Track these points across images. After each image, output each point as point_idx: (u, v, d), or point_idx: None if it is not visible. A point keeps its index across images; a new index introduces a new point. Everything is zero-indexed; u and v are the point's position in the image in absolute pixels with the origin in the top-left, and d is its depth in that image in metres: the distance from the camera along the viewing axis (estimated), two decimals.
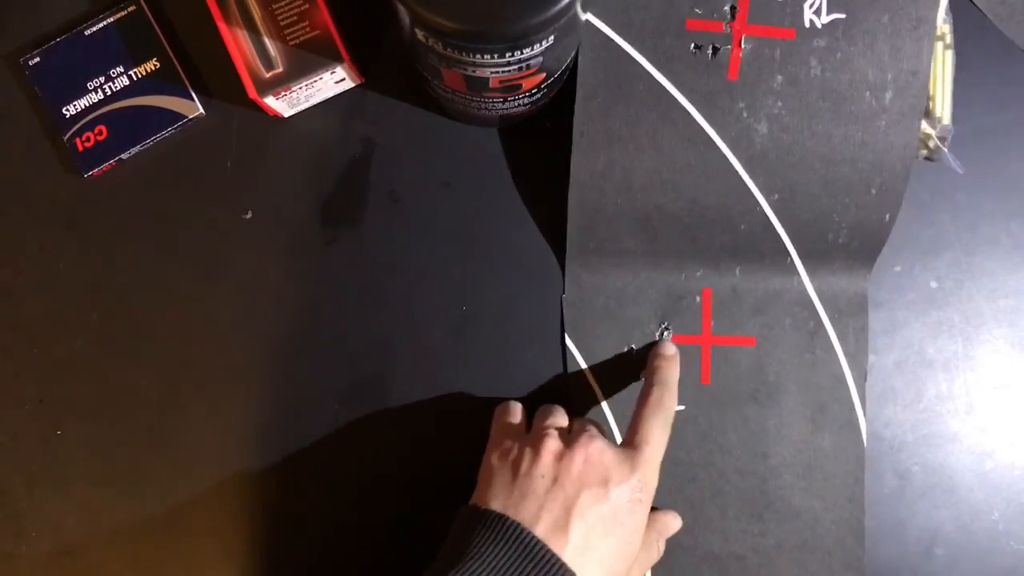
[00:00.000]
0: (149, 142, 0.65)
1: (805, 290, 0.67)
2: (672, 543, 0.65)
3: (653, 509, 0.61)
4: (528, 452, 0.57)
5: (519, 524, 0.54)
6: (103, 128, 0.64)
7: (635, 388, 0.66)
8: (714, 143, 0.63)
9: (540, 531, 0.54)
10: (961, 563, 0.68)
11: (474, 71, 0.52)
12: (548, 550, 0.53)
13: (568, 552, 0.54)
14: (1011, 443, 0.69)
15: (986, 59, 0.69)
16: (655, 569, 0.66)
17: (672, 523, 0.64)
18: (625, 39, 0.62)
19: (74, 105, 0.64)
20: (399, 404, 0.66)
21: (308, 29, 0.60)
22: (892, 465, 0.68)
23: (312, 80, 0.61)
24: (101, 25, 0.64)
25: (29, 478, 0.66)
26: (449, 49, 0.49)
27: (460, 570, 0.53)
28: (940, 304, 0.69)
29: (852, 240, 0.66)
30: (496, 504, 0.56)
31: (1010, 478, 0.69)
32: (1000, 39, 0.69)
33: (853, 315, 0.67)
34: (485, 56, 0.49)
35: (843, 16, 0.62)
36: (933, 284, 0.69)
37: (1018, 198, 0.69)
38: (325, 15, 0.60)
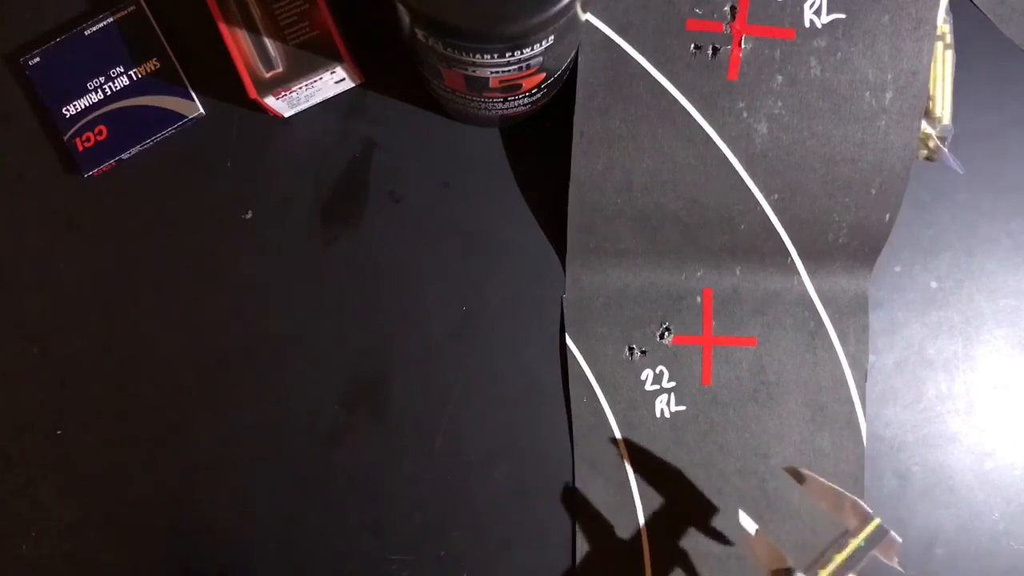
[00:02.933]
0: (149, 142, 0.65)
1: (805, 290, 0.67)
2: (672, 543, 0.65)
3: None
4: None
5: None
6: (103, 128, 0.64)
7: (635, 388, 0.66)
8: (714, 143, 0.63)
9: None
10: (961, 563, 0.68)
11: (474, 71, 0.52)
12: None
13: None
14: (1011, 443, 0.69)
15: (986, 59, 0.69)
16: (655, 567, 0.66)
17: None
18: (625, 39, 0.62)
19: (74, 105, 0.64)
20: (399, 404, 0.66)
21: (308, 29, 0.60)
22: (892, 465, 0.68)
23: (312, 80, 0.61)
24: (101, 25, 0.64)
25: (29, 477, 0.66)
26: (449, 49, 0.49)
27: None
28: (940, 304, 0.69)
29: (852, 240, 0.66)
30: None
31: (1010, 478, 0.69)
32: (1000, 39, 0.69)
33: (854, 315, 0.67)
34: (485, 56, 0.49)
35: (843, 16, 0.62)
36: (933, 284, 0.69)
37: (1018, 198, 0.69)
38: (325, 15, 0.60)
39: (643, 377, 0.66)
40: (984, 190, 0.69)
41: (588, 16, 0.61)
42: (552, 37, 0.49)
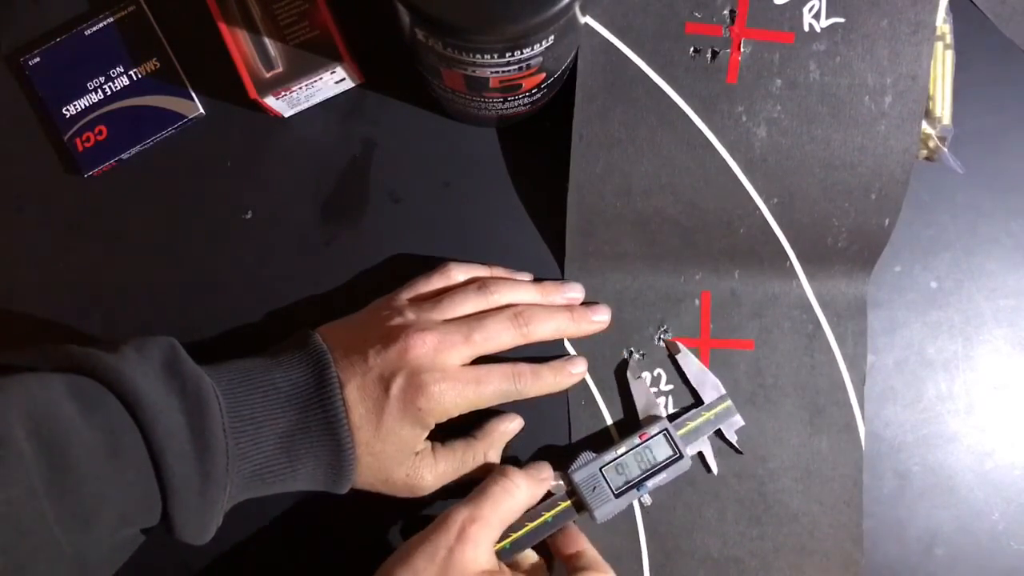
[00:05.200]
0: (149, 142, 0.65)
1: (804, 293, 0.67)
2: (670, 547, 0.66)
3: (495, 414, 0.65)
4: (403, 336, 0.58)
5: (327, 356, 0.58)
6: (103, 128, 0.64)
7: (635, 390, 0.66)
8: (713, 147, 0.63)
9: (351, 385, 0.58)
10: (961, 563, 0.68)
11: (474, 71, 0.52)
12: (335, 391, 0.57)
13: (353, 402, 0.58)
14: (1011, 443, 0.69)
15: (986, 59, 0.69)
16: (655, 570, 0.66)
17: (507, 429, 0.65)
18: (625, 43, 0.62)
19: (74, 105, 0.64)
20: None
21: (308, 29, 0.60)
22: (892, 465, 0.68)
23: (312, 80, 0.61)
24: (101, 25, 0.64)
25: None
26: (449, 49, 0.49)
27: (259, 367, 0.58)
28: (940, 304, 0.69)
29: (851, 244, 0.66)
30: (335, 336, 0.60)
31: (1010, 478, 0.69)
32: (1000, 39, 0.69)
33: (852, 318, 0.67)
34: (485, 56, 0.49)
35: (842, 20, 0.62)
36: (933, 284, 0.69)
37: (1018, 198, 0.69)
38: (325, 15, 0.60)
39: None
40: (984, 190, 0.69)
41: (588, 19, 0.61)
42: (552, 37, 0.49)
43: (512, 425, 0.65)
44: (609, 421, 0.66)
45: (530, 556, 0.63)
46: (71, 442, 0.50)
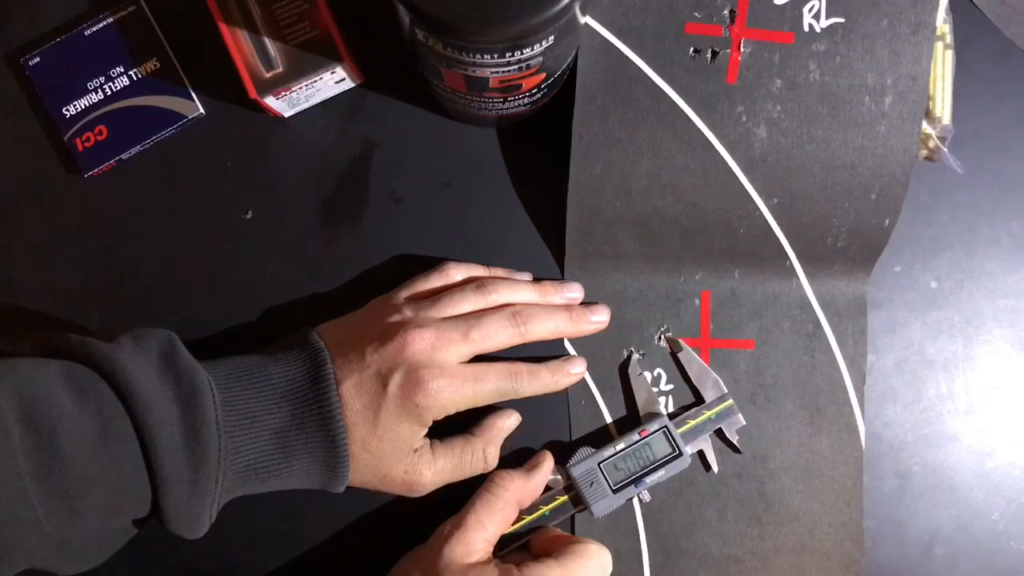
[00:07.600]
0: (149, 142, 0.65)
1: (804, 293, 0.67)
2: (671, 546, 0.66)
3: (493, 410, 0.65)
4: (401, 333, 0.58)
5: (327, 359, 0.58)
6: (103, 128, 0.64)
7: (635, 387, 0.66)
8: (713, 147, 0.63)
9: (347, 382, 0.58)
10: (961, 563, 0.68)
11: (474, 71, 0.52)
12: (331, 388, 0.57)
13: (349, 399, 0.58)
14: (1011, 443, 0.69)
15: (986, 59, 0.69)
16: (655, 569, 0.66)
17: (504, 425, 0.65)
18: (624, 43, 0.62)
19: (74, 105, 0.64)
20: None
21: (308, 29, 0.60)
22: (892, 465, 0.68)
23: (312, 80, 0.61)
24: (101, 25, 0.64)
25: None
26: (449, 49, 0.49)
27: (257, 362, 0.58)
28: (940, 304, 0.69)
29: (851, 244, 0.66)
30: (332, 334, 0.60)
31: (1010, 478, 0.69)
32: (1000, 39, 0.69)
33: (852, 318, 0.67)
34: (485, 56, 0.49)
35: (842, 20, 0.62)
36: (933, 284, 0.69)
37: (1018, 198, 0.69)
38: (325, 15, 0.60)
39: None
40: (984, 190, 0.69)
41: (588, 19, 0.61)
42: (552, 37, 0.49)
43: (510, 421, 0.65)
44: (609, 421, 0.66)
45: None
46: (60, 426, 0.50)
